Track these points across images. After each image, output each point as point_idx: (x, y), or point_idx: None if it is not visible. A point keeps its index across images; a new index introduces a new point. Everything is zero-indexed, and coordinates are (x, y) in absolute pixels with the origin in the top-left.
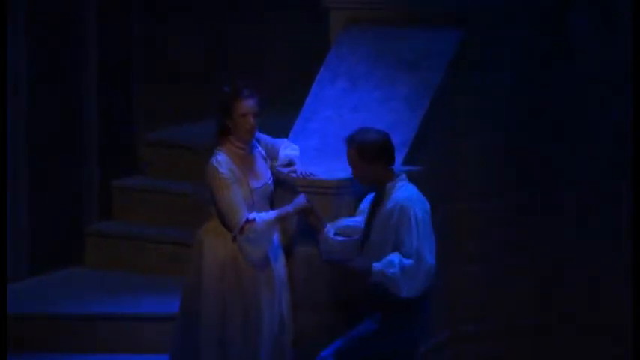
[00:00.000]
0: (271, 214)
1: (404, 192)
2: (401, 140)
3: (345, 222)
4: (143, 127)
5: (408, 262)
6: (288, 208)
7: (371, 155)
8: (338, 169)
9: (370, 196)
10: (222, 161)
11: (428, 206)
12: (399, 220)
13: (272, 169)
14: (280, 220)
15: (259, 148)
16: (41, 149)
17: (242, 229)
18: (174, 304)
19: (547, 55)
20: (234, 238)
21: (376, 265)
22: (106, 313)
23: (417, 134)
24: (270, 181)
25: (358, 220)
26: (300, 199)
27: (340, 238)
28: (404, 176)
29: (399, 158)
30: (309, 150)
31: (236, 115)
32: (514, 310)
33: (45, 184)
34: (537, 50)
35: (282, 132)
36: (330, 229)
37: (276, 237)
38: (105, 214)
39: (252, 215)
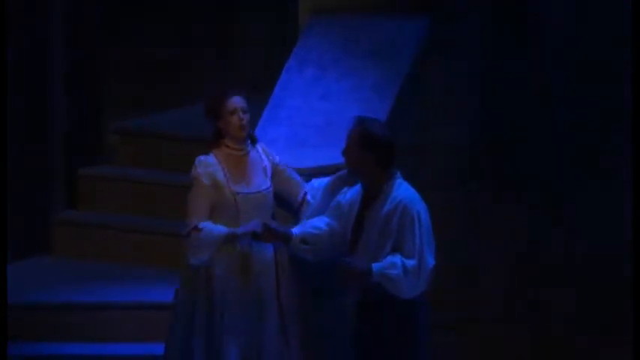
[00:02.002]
0: (221, 230)
1: (403, 191)
2: None
3: (309, 228)
4: (110, 115)
5: (410, 263)
6: (238, 230)
7: (370, 142)
8: (306, 157)
9: (349, 191)
10: (203, 161)
11: (425, 205)
12: (401, 220)
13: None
14: (228, 239)
15: (265, 161)
16: (5, 137)
17: (189, 232)
18: (141, 292)
19: (515, 42)
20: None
21: (376, 266)
22: (73, 302)
23: (386, 123)
24: (266, 192)
25: (322, 226)
26: (253, 224)
27: (305, 247)
28: (399, 174)
29: None
30: (279, 139)
31: (225, 114)
32: (485, 299)
33: (9, 172)
34: (505, 38)
35: (250, 119)
36: (296, 237)
37: (271, 254)
38: (71, 203)
39: (203, 224)
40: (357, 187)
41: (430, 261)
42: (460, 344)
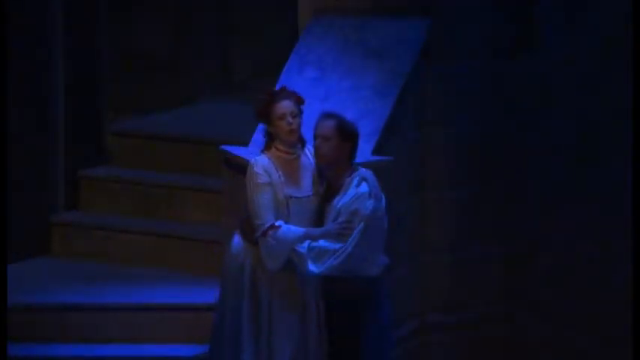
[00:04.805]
0: (300, 229)
1: (362, 188)
2: (370, 129)
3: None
4: (110, 115)
5: (323, 244)
6: (315, 231)
7: (347, 133)
8: None
9: None
10: (259, 161)
11: (383, 203)
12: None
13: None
14: (307, 239)
15: (312, 161)
16: (6, 138)
17: (265, 232)
18: (139, 294)
19: (515, 43)
20: (256, 241)
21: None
22: (72, 303)
23: (387, 123)
24: (315, 196)
25: None
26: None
27: None
28: (359, 167)
29: (368, 147)
30: None
31: (274, 119)
32: (482, 301)
33: (10, 173)
34: (505, 39)
35: (249, 121)
36: None
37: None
38: (71, 204)
39: (280, 222)
40: None
41: (353, 249)
42: (460, 344)
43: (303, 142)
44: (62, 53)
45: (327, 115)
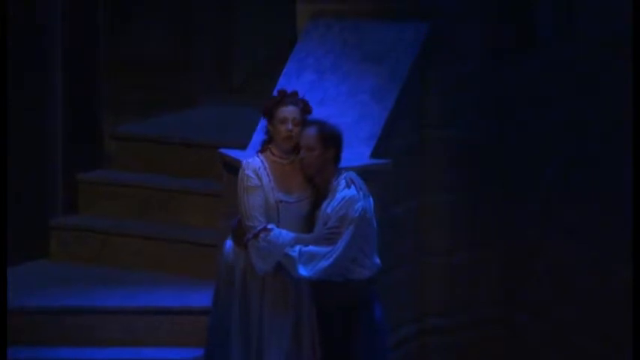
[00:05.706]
0: (291, 234)
1: (350, 190)
2: (368, 133)
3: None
4: (108, 119)
5: (311, 247)
6: (306, 236)
7: (329, 138)
8: None
9: None
10: (250, 163)
11: (371, 204)
12: (339, 216)
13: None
14: (299, 242)
15: None
16: (6, 141)
17: (256, 234)
18: (138, 297)
19: (514, 44)
20: (246, 244)
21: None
22: (71, 307)
23: (385, 127)
24: (307, 201)
25: None
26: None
27: None
28: (344, 170)
29: (366, 151)
30: None
31: (276, 121)
32: (481, 303)
33: (8, 177)
34: (504, 40)
35: (248, 124)
36: None
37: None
38: (70, 208)
39: (272, 225)
40: None
41: (343, 251)
42: (459, 346)
43: (298, 150)
44: (62, 56)
45: (309, 124)
